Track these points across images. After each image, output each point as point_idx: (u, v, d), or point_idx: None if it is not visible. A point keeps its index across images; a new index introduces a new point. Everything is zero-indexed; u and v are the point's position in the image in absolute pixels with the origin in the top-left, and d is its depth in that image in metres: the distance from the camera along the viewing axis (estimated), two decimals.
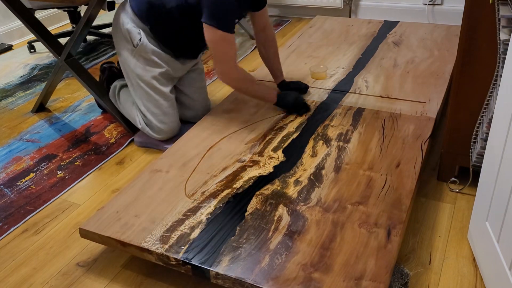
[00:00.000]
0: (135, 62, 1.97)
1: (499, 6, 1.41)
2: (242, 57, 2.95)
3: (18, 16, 2.23)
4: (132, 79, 2.01)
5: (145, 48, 1.93)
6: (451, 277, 1.38)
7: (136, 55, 1.96)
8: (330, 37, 2.75)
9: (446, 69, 2.25)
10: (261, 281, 1.21)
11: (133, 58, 1.97)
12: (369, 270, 1.23)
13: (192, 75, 2.15)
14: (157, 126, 2.00)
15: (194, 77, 2.16)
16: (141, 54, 1.95)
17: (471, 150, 1.63)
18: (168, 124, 2.01)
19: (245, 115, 1.99)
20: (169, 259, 1.31)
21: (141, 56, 1.95)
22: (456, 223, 1.57)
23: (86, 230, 1.43)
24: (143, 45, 1.93)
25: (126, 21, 1.95)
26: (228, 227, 1.39)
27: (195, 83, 2.16)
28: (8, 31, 3.47)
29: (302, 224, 1.39)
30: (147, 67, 1.96)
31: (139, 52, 1.94)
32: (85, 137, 2.20)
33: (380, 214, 1.41)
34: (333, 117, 1.93)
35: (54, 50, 2.27)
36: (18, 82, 2.83)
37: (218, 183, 1.59)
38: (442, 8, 3.22)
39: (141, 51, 1.94)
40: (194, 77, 2.16)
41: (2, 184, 1.91)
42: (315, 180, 1.57)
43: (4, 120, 2.40)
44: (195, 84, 2.16)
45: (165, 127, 2.01)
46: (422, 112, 1.92)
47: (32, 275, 1.48)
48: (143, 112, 2.02)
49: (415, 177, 1.55)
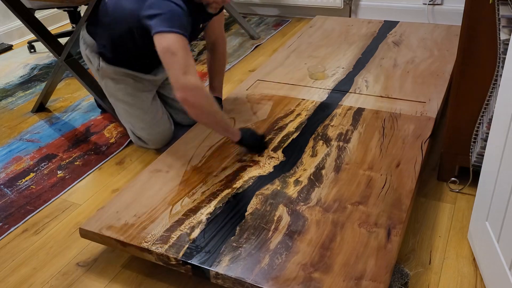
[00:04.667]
0: (104, 83, 1.97)
1: (499, 6, 1.41)
2: (242, 57, 2.95)
3: (18, 16, 2.23)
4: (109, 98, 2.02)
5: (107, 70, 1.92)
6: (451, 277, 1.38)
7: (102, 76, 1.95)
8: (330, 37, 2.75)
9: (446, 69, 2.25)
10: (261, 281, 1.21)
11: (102, 80, 1.97)
12: (369, 270, 1.23)
13: None
14: (147, 138, 1.99)
15: None
16: (106, 75, 1.94)
17: (471, 150, 1.63)
18: (157, 135, 1.99)
19: (245, 115, 1.99)
20: (169, 259, 1.31)
21: (107, 77, 1.94)
22: (456, 223, 1.57)
23: (86, 230, 1.43)
24: (104, 68, 1.92)
25: (83, 47, 1.97)
26: (228, 227, 1.39)
27: None
28: (8, 31, 3.47)
29: (302, 224, 1.39)
30: (116, 85, 1.94)
31: (104, 74, 1.94)
32: (85, 137, 2.20)
33: (380, 214, 1.41)
34: (333, 117, 1.93)
35: (54, 50, 2.27)
36: (18, 82, 2.83)
37: (218, 183, 1.59)
38: (442, 8, 3.22)
39: (104, 73, 1.93)
40: None
41: (2, 184, 1.91)
42: (315, 180, 1.57)
43: (4, 120, 2.40)
44: None
45: (154, 137, 1.99)
46: (422, 112, 1.92)
47: (32, 275, 1.48)
48: (130, 128, 2.01)
49: (415, 177, 1.55)
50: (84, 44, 1.97)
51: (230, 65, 2.85)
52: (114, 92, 1.96)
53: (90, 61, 1.96)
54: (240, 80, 2.63)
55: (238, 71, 2.77)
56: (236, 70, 2.78)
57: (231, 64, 2.86)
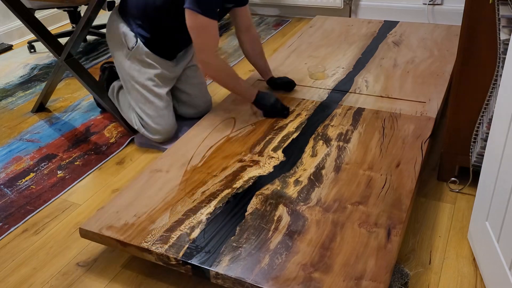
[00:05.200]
0: (129, 65, 1.99)
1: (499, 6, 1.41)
2: (242, 57, 2.95)
3: (18, 16, 2.23)
4: (127, 81, 2.03)
5: (140, 51, 1.96)
6: (451, 277, 1.38)
7: (131, 57, 1.98)
8: (330, 37, 2.75)
9: (446, 69, 2.25)
10: (261, 281, 1.21)
11: (128, 61, 1.99)
12: (369, 270, 1.23)
13: (188, 72, 2.17)
14: (153, 128, 2.01)
15: (190, 74, 2.17)
16: (136, 57, 1.97)
17: (471, 150, 1.63)
18: (164, 126, 2.02)
19: (245, 115, 1.99)
20: (169, 259, 1.31)
21: (136, 59, 1.98)
22: (456, 223, 1.57)
23: (86, 230, 1.43)
24: (139, 48, 1.96)
25: (121, 25, 1.99)
26: (228, 227, 1.39)
27: (192, 80, 2.17)
28: (8, 31, 3.47)
29: (302, 224, 1.39)
30: (142, 69, 1.98)
31: (134, 55, 1.97)
32: (85, 137, 2.20)
33: (380, 214, 1.41)
34: (333, 117, 1.93)
35: (54, 50, 2.27)
36: (18, 82, 2.83)
37: (218, 183, 1.59)
38: (442, 8, 3.22)
39: (136, 54, 1.97)
40: (190, 74, 2.17)
41: (2, 184, 1.91)
42: (315, 180, 1.57)
43: (4, 120, 2.40)
44: (192, 81, 2.17)
45: (160, 128, 2.02)
46: (422, 112, 1.92)
47: (32, 275, 1.48)
48: (139, 114, 2.03)
49: (415, 177, 1.55)
50: (121, 22, 1.99)
51: (230, 64, 2.85)
52: (137, 75, 1.99)
53: (124, 40, 1.98)
54: None
55: (238, 71, 2.77)
56: (236, 70, 2.78)
57: (231, 64, 2.86)
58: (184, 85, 2.16)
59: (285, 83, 2.16)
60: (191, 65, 2.18)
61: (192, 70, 2.18)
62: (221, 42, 3.19)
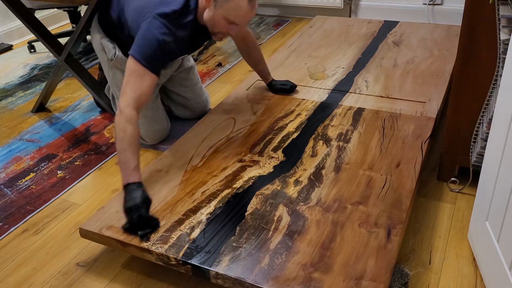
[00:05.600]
0: (113, 73, 1.99)
1: (499, 6, 1.41)
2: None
3: (18, 16, 2.23)
4: (113, 91, 2.04)
5: (120, 60, 1.94)
6: (451, 277, 1.38)
7: (113, 67, 1.97)
8: (330, 37, 2.75)
9: (446, 69, 2.25)
10: (261, 281, 1.21)
11: (111, 70, 1.99)
12: (369, 270, 1.23)
13: (181, 75, 2.13)
14: (143, 134, 2.01)
15: (183, 76, 2.14)
16: (117, 66, 1.96)
17: (471, 150, 1.63)
18: (154, 132, 2.02)
19: (245, 115, 1.99)
20: (169, 259, 1.31)
21: (118, 68, 1.96)
22: (456, 223, 1.57)
23: (86, 230, 1.43)
24: (118, 58, 1.94)
25: (100, 35, 1.98)
26: (228, 227, 1.39)
27: (186, 82, 2.15)
28: (8, 31, 3.47)
29: (302, 224, 1.39)
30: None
31: (115, 64, 1.96)
32: (85, 137, 2.20)
33: (380, 214, 1.41)
34: (333, 117, 1.93)
35: (54, 50, 2.27)
36: (18, 82, 2.83)
37: (218, 183, 1.59)
38: (442, 8, 3.22)
39: (116, 64, 1.95)
40: (183, 77, 2.14)
41: (2, 184, 1.91)
42: (315, 180, 1.57)
43: (4, 120, 2.40)
44: (186, 83, 2.15)
45: (152, 134, 2.02)
46: (422, 112, 1.92)
47: (32, 275, 1.48)
48: None
49: (415, 177, 1.55)
50: (100, 33, 1.98)
51: (230, 65, 2.85)
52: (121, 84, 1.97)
53: (104, 50, 1.97)
54: (240, 80, 2.63)
55: (238, 71, 2.77)
56: (236, 70, 2.78)
57: (231, 64, 2.86)
58: (179, 88, 2.14)
59: (285, 90, 2.14)
60: (184, 68, 2.14)
61: (185, 73, 2.14)
62: (221, 42, 3.19)
